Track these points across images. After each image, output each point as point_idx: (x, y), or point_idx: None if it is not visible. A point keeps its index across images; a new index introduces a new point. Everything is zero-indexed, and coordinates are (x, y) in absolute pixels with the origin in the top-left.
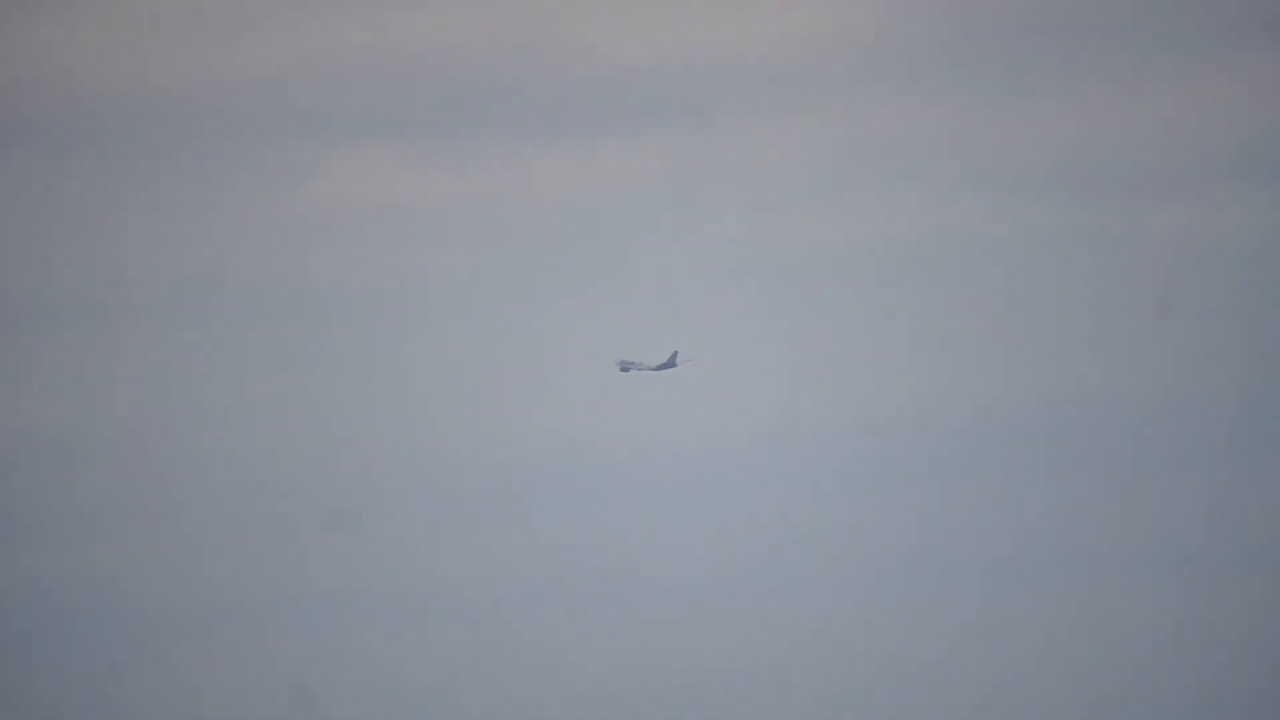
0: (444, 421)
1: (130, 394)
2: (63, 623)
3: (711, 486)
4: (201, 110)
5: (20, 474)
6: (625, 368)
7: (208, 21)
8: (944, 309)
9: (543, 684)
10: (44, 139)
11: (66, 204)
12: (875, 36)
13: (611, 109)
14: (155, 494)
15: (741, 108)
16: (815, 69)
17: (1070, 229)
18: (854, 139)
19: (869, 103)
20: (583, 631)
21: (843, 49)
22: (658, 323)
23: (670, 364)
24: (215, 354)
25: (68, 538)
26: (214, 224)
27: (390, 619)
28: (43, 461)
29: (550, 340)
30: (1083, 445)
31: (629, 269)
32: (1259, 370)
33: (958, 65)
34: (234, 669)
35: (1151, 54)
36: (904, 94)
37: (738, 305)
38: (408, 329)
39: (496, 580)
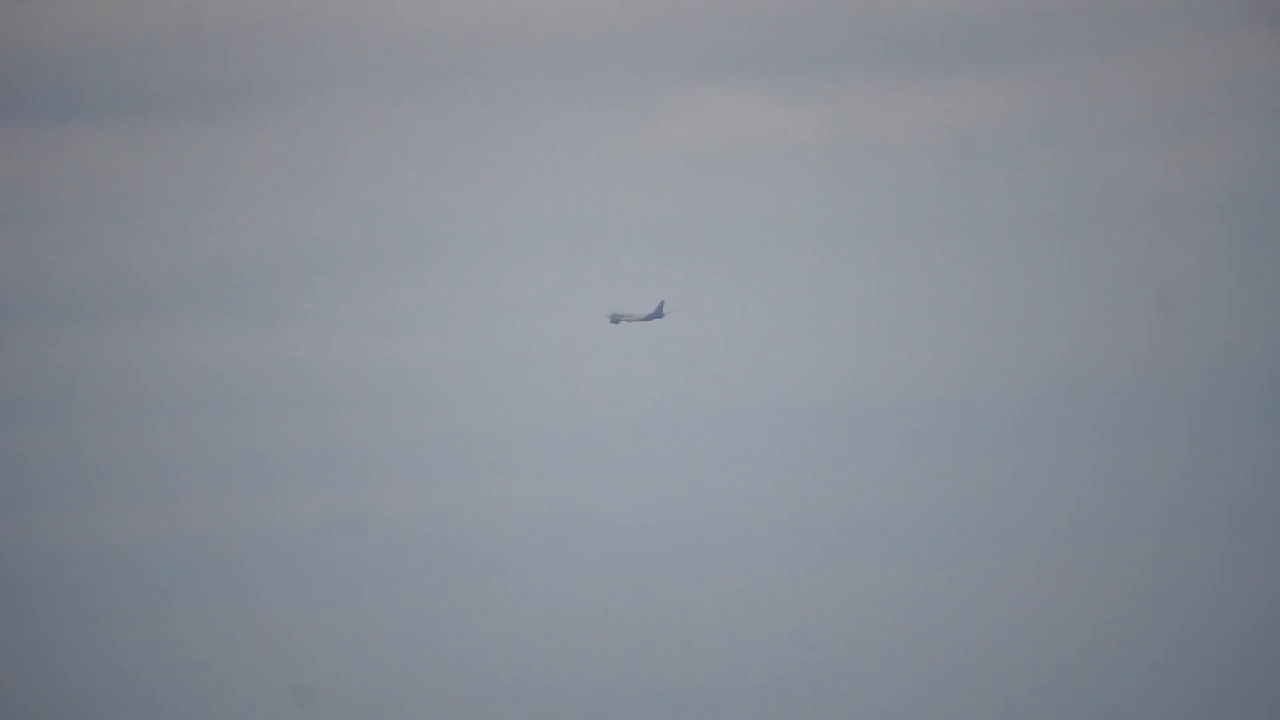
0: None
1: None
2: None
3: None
4: (559, 47)
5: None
6: (616, 319)
7: None
8: None
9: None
10: (409, 85)
11: (415, 144)
12: None
13: (958, 47)
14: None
15: (1088, 48)
16: (1161, 7)
17: None
18: (1210, 77)
19: (1225, 42)
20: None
21: None
22: (1013, 255)
23: (657, 314)
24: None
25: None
26: (569, 160)
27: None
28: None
29: (905, 276)
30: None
31: (976, 207)
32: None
33: None
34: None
35: None
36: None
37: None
38: (756, 266)
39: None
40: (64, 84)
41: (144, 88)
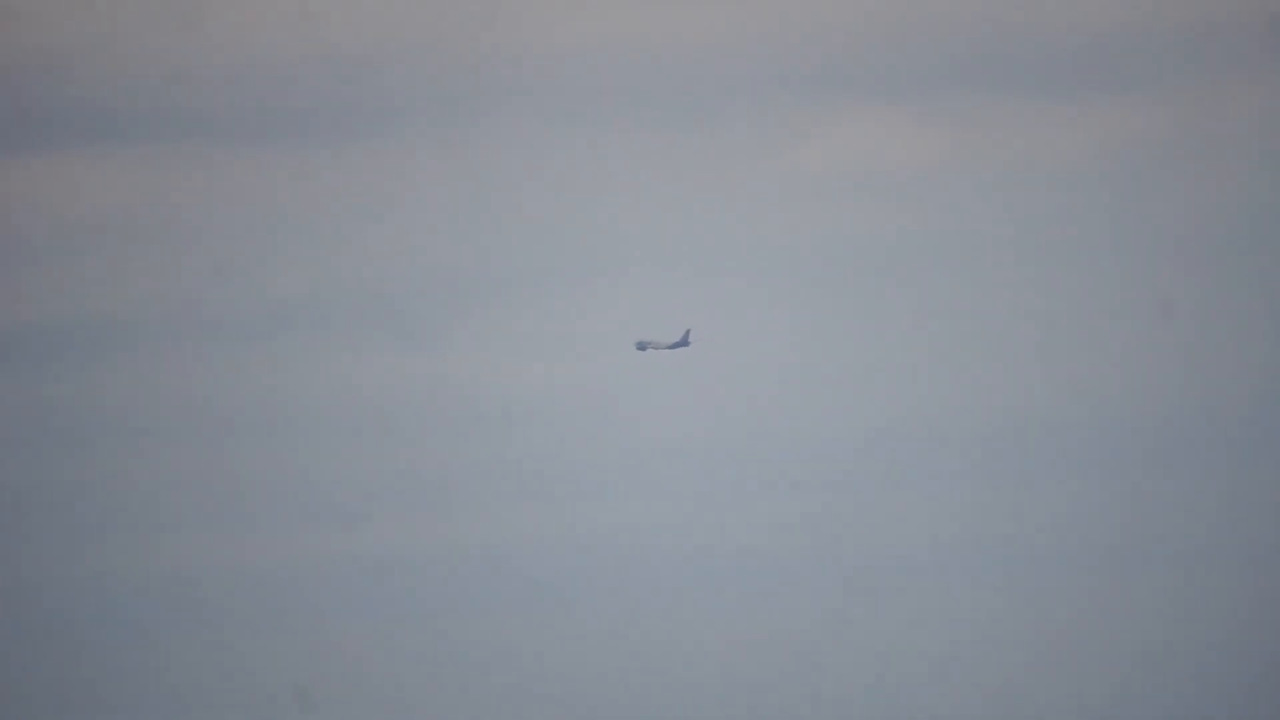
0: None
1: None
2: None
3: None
4: (706, 72)
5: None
6: (642, 346)
7: None
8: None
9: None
10: (557, 110)
11: (561, 167)
12: None
13: (1095, 70)
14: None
15: (1226, 68)
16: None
17: None
18: None
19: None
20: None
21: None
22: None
23: (683, 343)
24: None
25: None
26: (713, 184)
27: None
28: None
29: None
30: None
31: (1119, 228)
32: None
33: None
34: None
35: None
36: None
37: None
38: (896, 292)
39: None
40: (221, 105)
41: (300, 109)
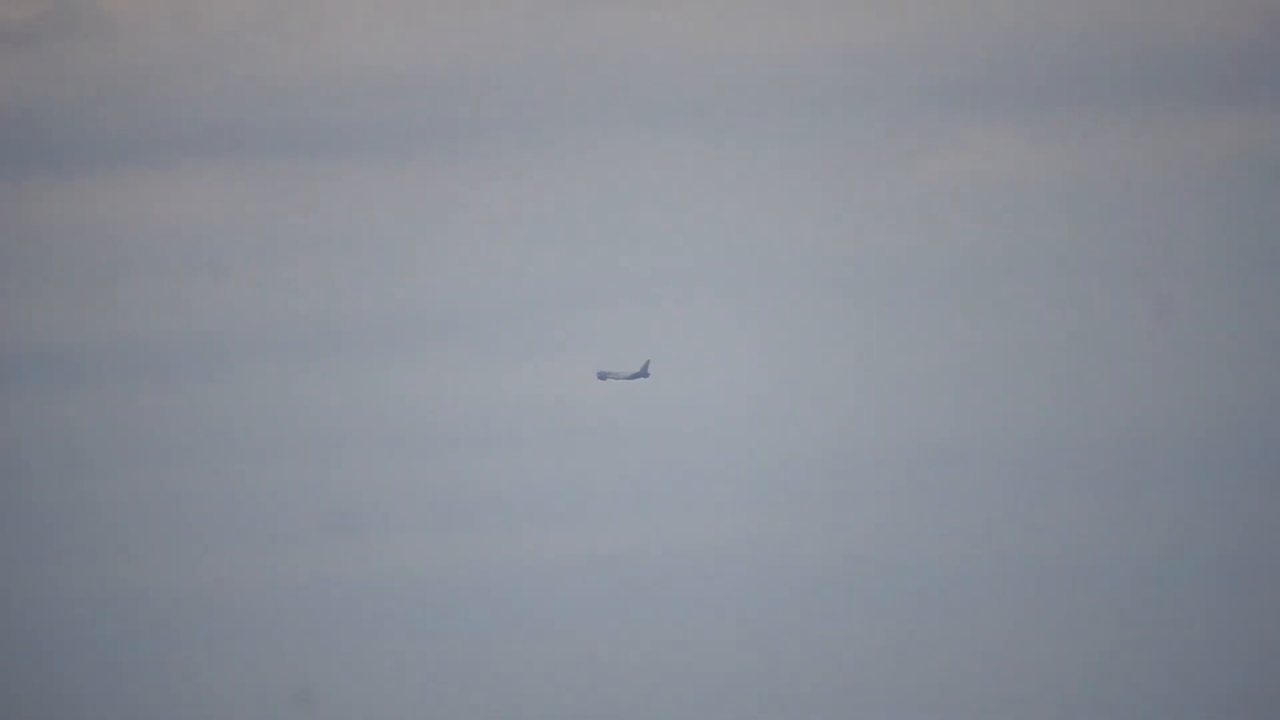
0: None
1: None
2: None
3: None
4: (811, 85)
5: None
6: (603, 376)
7: None
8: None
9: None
10: (660, 120)
11: (665, 180)
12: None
13: (1220, 86)
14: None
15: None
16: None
17: None
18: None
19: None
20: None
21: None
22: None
23: (643, 374)
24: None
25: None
26: (836, 199)
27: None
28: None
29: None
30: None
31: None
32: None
33: None
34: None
35: None
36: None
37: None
38: (1015, 305)
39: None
40: (312, 121)
41: (389, 125)
